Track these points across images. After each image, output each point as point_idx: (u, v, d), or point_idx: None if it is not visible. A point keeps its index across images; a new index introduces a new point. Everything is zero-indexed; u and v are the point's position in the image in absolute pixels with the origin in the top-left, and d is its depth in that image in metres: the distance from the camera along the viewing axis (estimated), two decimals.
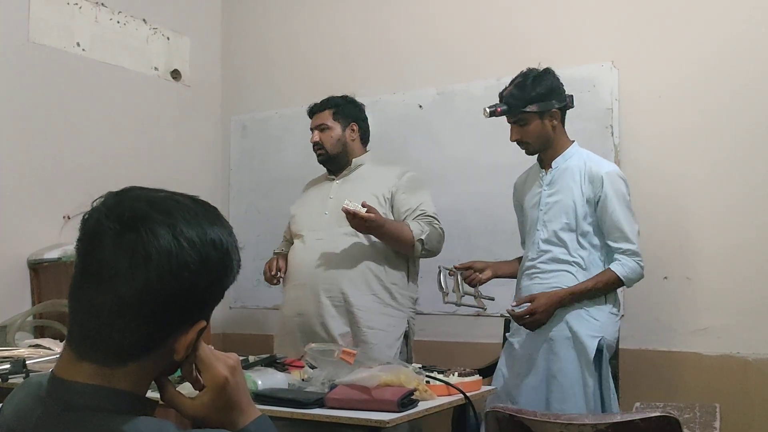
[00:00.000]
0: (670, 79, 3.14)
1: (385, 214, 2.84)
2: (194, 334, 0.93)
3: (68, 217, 3.48)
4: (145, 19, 3.98)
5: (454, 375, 2.15)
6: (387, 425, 1.82)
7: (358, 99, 3.13)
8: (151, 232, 0.87)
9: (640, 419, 1.60)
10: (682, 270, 3.07)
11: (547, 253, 2.60)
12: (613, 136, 3.21)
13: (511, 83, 2.62)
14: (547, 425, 1.66)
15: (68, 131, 3.59)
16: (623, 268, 2.50)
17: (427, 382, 2.06)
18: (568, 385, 2.48)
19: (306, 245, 2.96)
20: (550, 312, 2.51)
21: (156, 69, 4.05)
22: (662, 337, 3.09)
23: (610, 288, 2.54)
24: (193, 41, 4.26)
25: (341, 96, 3.11)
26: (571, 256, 2.56)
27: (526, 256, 2.70)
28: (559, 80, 2.61)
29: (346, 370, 2.04)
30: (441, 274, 2.70)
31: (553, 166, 2.65)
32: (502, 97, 2.62)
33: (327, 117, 3.03)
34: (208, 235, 0.91)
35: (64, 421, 0.87)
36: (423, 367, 2.21)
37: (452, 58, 3.65)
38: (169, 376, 0.98)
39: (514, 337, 2.66)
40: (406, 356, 2.93)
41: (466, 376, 2.16)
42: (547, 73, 2.59)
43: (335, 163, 3.05)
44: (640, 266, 2.53)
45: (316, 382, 2.07)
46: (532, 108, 2.55)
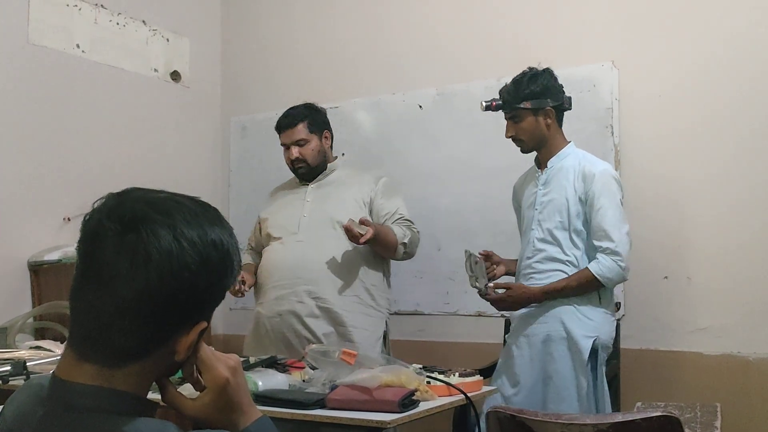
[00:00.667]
0: (670, 79, 3.14)
1: (366, 217, 2.91)
2: (195, 334, 0.93)
3: (68, 219, 3.48)
4: (144, 21, 3.98)
5: (454, 375, 2.15)
6: (388, 426, 1.82)
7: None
8: (152, 232, 0.87)
9: (642, 419, 1.60)
10: (682, 270, 3.07)
11: (542, 252, 2.61)
12: (613, 136, 3.21)
13: (511, 81, 2.66)
14: (548, 425, 1.65)
15: (68, 133, 3.59)
16: (599, 267, 2.48)
17: (428, 383, 2.06)
18: (563, 386, 2.48)
19: (286, 247, 2.95)
20: (520, 305, 2.60)
21: (156, 70, 4.05)
22: (663, 337, 3.09)
23: (586, 287, 2.51)
24: (193, 42, 4.26)
25: (305, 105, 3.07)
26: (565, 255, 2.57)
27: (522, 255, 2.70)
28: (557, 81, 2.64)
29: (347, 371, 2.04)
30: (470, 259, 2.66)
31: (549, 165, 2.66)
32: (500, 93, 2.67)
33: (302, 131, 2.99)
34: (208, 236, 0.91)
35: (65, 422, 0.87)
36: (424, 367, 2.20)
37: (452, 58, 3.64)
38: (170, 377, 0.98)
39: (512, 339, 2.66)
40: None
41: (467, 377, 2.15)
42: (545, 73, 2.62)
43: (315, 172, 3.05)
44: (619, 266, 2.48)
45: (317, 382, 2.07)
46: (525, 104, 2.59)
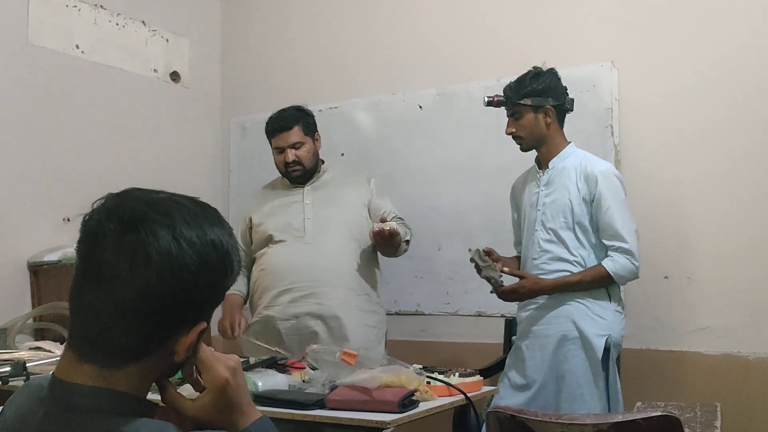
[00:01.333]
0: (670, 79, 3.14)
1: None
2: (195, 335, 0.93)
3: (68, 219, 3.48)
4: (144, 21, 3.98)
5: (455, 375, 2.14)
6: (388, 426, 1.82)
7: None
8: (152, 233, 0.87)
9: (642, 419, 1.60)
10: (683, 270, 3.07)
11: (548, 253, 2.61)
12: (613, 136, 3.21)
13: (516, 78, 2.68)
14: (548, 425, 1.65)
15: (68, 133, 3.59)
16: (614, 264, 2.51)
17: (428, 383, 2.05)
18: (576, 385, 2.48)
19: (293, 249, 2.94)
20: (531, 296, 2.60)
21: (155, 71, 4.05)
22: (663, 337, 3.09)
23: (598, 283, 2.53)
24: (193, 43, 4.26)
25: (296, 108, 3.07)
26: (572, 255, 2.57)
27: (527, 256, 2.70)
28: (560, 81, 2.65)
29: (347, 371, 2.04)
30: (478, 252, 2.64)
31: (550, 166, 2.66)
32: (504, 90, 2.69)
33: (298, 133, 2.99)
34: (208, 236, 0.91)
35: (65, 423, 0.87)
36: (424, 367, 2.20)
37: (452, 58, 3.64)
38: (170, 378, 0.98)
39: (521, 340, 2.66)
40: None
41: (467, 377, 2.15)
42: (549, 72, 2.64)
43: (308, 174, 3.05)
44: (633, 265, 2.52)
45: (317, 383, 2.07)
46: (526, 101, 2.60)
